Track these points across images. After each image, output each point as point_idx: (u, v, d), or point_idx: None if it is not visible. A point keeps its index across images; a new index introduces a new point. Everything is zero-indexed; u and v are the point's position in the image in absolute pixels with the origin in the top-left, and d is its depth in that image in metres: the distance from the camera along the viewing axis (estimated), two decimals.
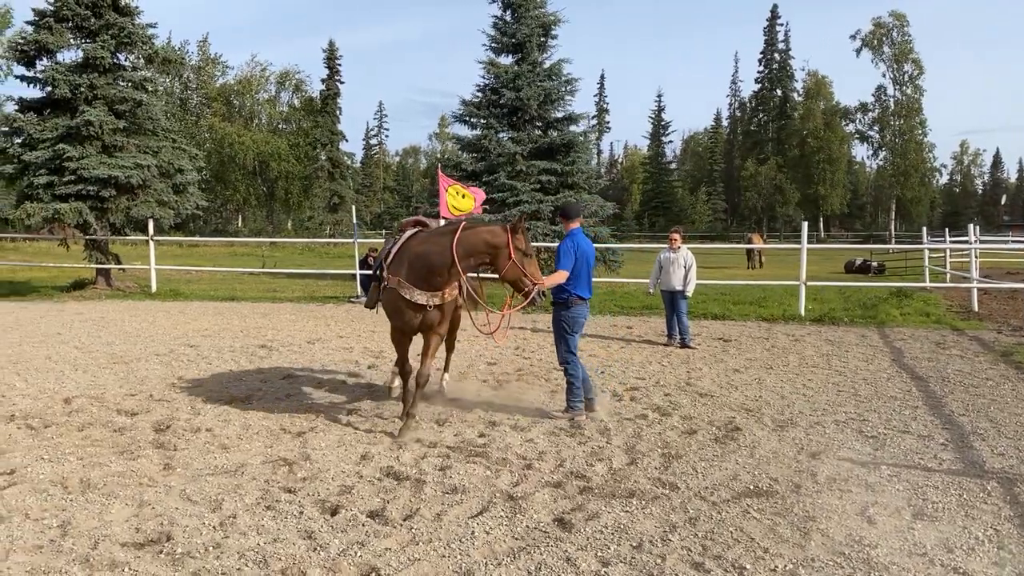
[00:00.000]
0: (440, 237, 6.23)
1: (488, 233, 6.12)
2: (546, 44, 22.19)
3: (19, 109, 17.27)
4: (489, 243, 6.08)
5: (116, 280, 18.15)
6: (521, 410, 7.08)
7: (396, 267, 6.32)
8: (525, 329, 12.33)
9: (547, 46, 22.26)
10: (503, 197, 19.64)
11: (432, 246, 6.18)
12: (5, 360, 9.51)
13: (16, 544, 4.07)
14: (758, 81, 79.73)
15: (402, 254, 6.37)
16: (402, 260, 6.31)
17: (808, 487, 5.00)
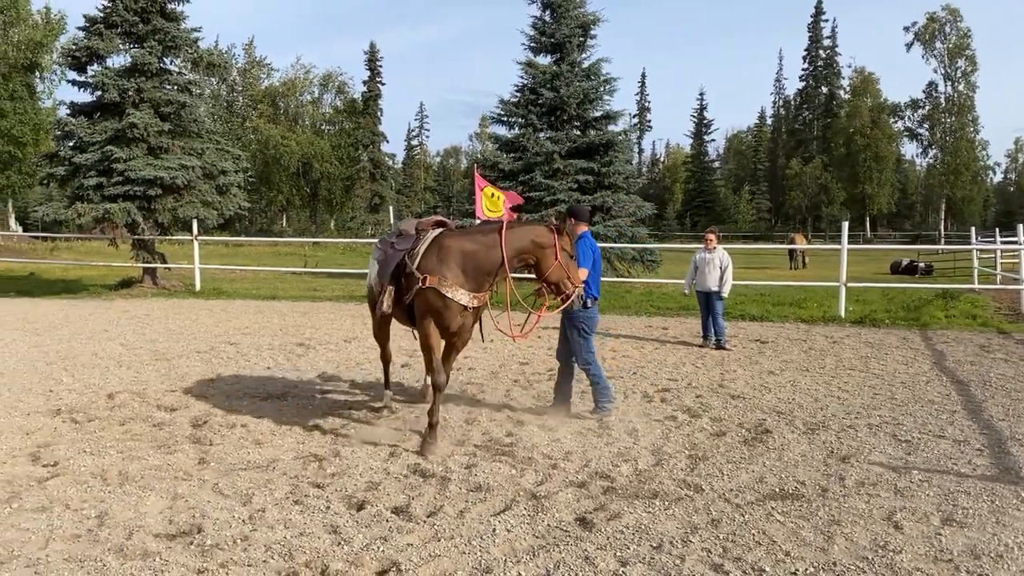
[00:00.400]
0: (486, 236, 6.04)
1: (535, 233, 5.98)
2: (585, 44, 22.17)
3: (70, 113, 17.86)
4: (537, 243, 5.94)
5: (162, 279, 18.63)
6: (550, 410, 7.10)
7: (435, 266, 5.98)
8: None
9: (586, 46, 22.23)
10: (539, 196, 19.67)
11: (480, 245, 5.99)
12: (55, 356, 9.84)
13: (56, 533, 4.24)
14: (802, 78, 78.40)
15: (441, 253, 6.04)
16: (444, 259, 5.99)
17: (835, 491, 4.95)
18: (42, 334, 11.68)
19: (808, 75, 77.57)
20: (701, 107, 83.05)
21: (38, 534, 4.21)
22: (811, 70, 77.18)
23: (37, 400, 7.45)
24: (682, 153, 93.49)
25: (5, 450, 5.80)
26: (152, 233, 17.76)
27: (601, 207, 20.18)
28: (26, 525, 4.33)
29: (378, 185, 48.52)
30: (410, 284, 6.08)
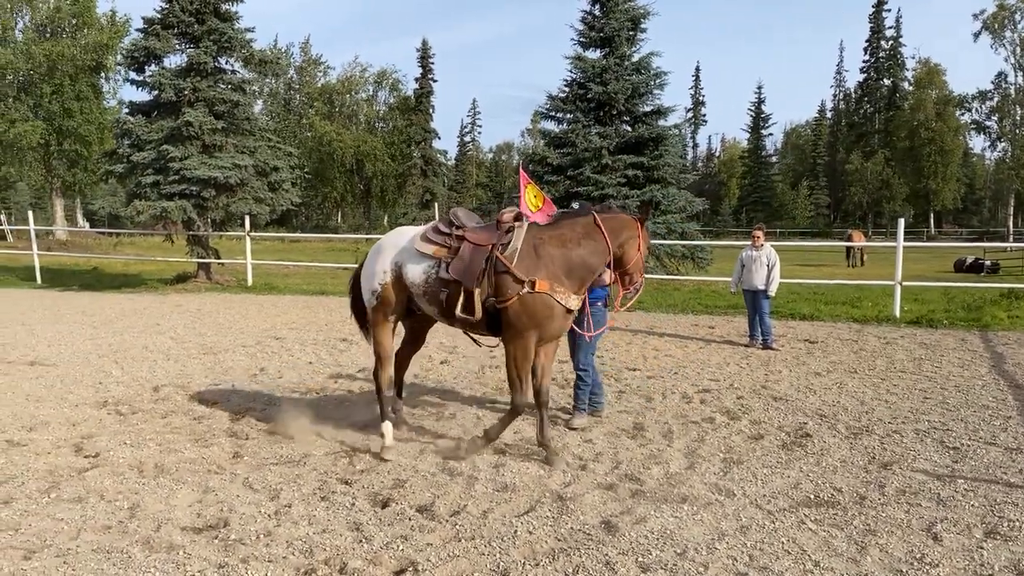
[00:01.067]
0: (585, 228, 5.47)
1: (625, 223, 5.55)
2: (635, 38, 21.91)
3: (129, 112, 18.42)
4: (628, 234, 5.54)
5: (216, 274, 19.07)
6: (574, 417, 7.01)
7: (542, 268, 5.30)
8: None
9: (636, 40, 21.97)
10: (588, 191, 19.53)
11: (582, 238, 5.44)
12: (107, 349, 10.14)
13: (88, 523, 4.34)
14: (864, 70, 76.25)
15: (540, 250, 5.37)
16: (550, 260, 5.34)
17: (873, 499, 4.76)
18: (98, 327, 12.05)
19: (870, 67, 75.43)
20: (759, 100, 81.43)
21: (71, 524, 4.32)
22: (873, 62, 75.03)
23: (86, 392, 7.68)
24: (738, 148, 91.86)
25: (51, 440, 5.98)
26: (206, 229, 18.19)
27: (650, 202, 19.92)
28: (61, 515, 4.45)
29: (429, 181, 48.89)
30: (503, 286, 5.29)
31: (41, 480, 5.05)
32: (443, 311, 5.60)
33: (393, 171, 56.52)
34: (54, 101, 33.72)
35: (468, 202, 69.32)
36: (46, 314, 13.62)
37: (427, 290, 5.65)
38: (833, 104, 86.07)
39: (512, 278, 5.28)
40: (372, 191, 58.58)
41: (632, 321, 13.13)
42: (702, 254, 20.42)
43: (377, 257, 5.96)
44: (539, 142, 24.19)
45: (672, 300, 15.80)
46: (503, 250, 5.39)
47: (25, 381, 8.13)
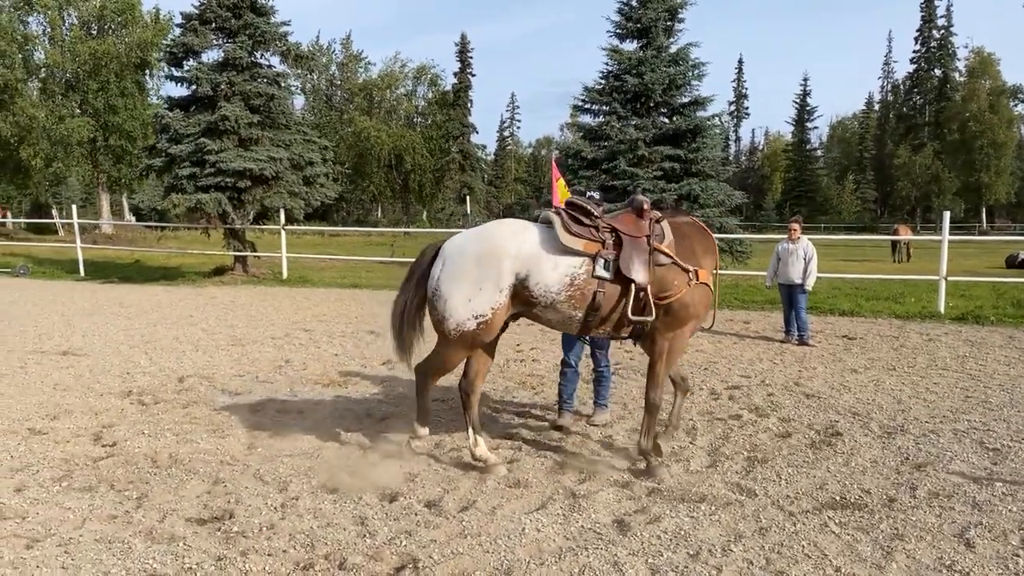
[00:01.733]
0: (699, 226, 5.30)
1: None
2: (673, 28, 21.56)
3: (168, 107, 18.67)
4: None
5: (252, 267, 19.26)
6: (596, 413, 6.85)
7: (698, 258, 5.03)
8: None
9: (674, 30, 21.61)
10: (623, 184, 19.26)
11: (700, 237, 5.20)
12: (138, 339, 10.24)
13: (94, 513, 4.32)
14: (914, 61, 74.17)
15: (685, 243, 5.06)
16: (692, 249, 5.05)
17: (904, 501, 4.52)
18: (132, 318, 12.21)
19: (920, 57, 73.36)
20: (804, 93, 79.75)
21: (77, 513, 4.30)
22: (923, 52, 72.95)
23: (113, 381, 7.74)
24: (782, 141, 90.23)
25: (72, 429, 6.02)
26: (242, 223, 18.37)
27: (687, 196, 19.59)
28: (69, 504, 4.44)
29: (468, 176, 48.90)
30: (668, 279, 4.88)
31: (56, 468, 5.06)
32: (593, 317, 4.87)
33: (431, 166, 56.66)
34: (100, 98, 34.48)
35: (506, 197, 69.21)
36: (85, 305, 13.86)
37: (572, 294, 4.79)
38: (881, 96, 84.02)
39: (679, 269, 4.88)
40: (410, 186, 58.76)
41: None
42: (741, 248, 20.03)
43: (479, 270, 4.74)
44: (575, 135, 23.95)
45: None
46: (660, 240, 4.92)
47: (56, 370, 8.24)
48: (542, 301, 4.78)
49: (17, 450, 5.44)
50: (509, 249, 4.76)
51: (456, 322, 4.77)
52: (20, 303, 14.13)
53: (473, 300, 4.71)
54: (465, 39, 51.04)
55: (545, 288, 4.74)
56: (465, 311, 4.73)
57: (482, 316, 4.73)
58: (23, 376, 7.94)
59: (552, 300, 4.76)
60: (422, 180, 57.48)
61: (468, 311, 4.73)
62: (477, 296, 4.71)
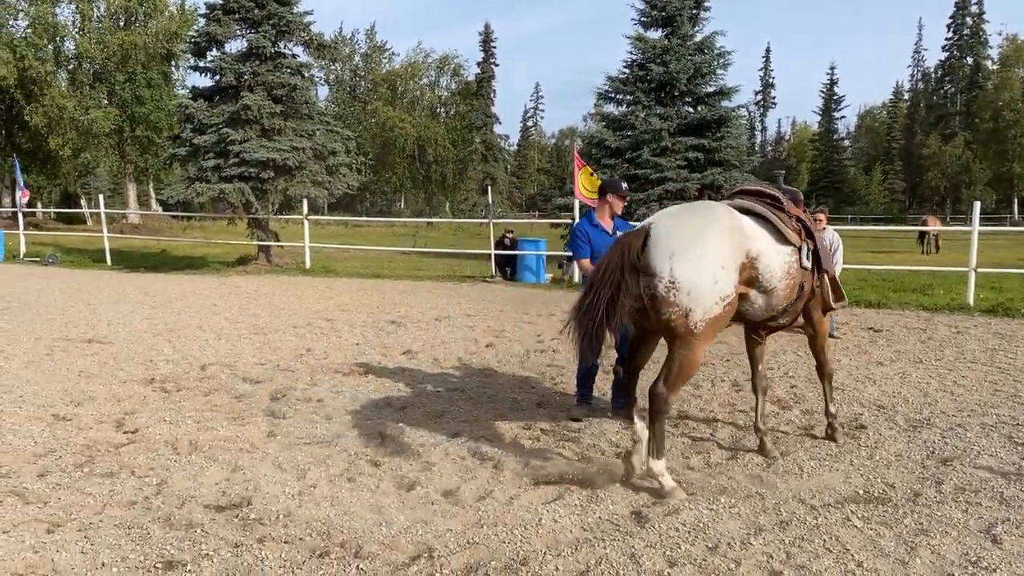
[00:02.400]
0: None
1: None
2: (698, 17, 21.38)
3: (191, 97, 18.81)
4: None
5: (275, 256, 19.39)
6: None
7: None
8: None
9: (699, 19, 21.45)
10: (646, 174, 19.13)
11: None
12: (162, 327, 10.34)
13: (114, 499, 4.35)
14: (945, 49, 72.82)
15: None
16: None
17: (929, 496, 4.43)
18: (157, 307, 12.33)
19: (952, 45, 72.01)
20: (831, 82, 78.76)
21: (98, 499, 4.34)
22: (955, 39, 71.58)
23: (136, 369, 7.81)
24: (809, 131, 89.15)
25: (95, 416, 6.08)
26: (266, 212, 18.49)
27: (711, 185, 19.41)
28: (90, 489, 4.48)
29: (490, 167, 48.86)
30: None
31: (78, 454, 5.11)
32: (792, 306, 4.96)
33: (453, 156, 56.67)
34: (127, 89, 34.82)
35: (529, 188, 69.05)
36: (111, 294, 14.03)
37: (784, 285, 4.73)
38: (911, 85, 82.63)
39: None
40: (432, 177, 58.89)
41: None
42: None
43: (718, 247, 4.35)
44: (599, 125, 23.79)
45: None
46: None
47: (81, 358, 8.33)
48: (765, 286, 4.62)
49: (41, 436, 5.51)
50: (738, 226, 4.52)
51: (704, 310, 4.24)
52: (48, 291, 14.33)
53: (719, 281, 4.27)
54: (489, 29, 51.01)
55: (770, 272, 4.60)
56: (711, 295, 4.25)
57: (727, 297, 4.32)
58: (49, 363, 8.04)
59: (773, 286, 4.65)
60: (444, 171, 57.58)
61: (714, 294, 4.26)
62: (722, 276, 4.29)
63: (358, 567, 3.58)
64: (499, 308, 12.37)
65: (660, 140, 19.69)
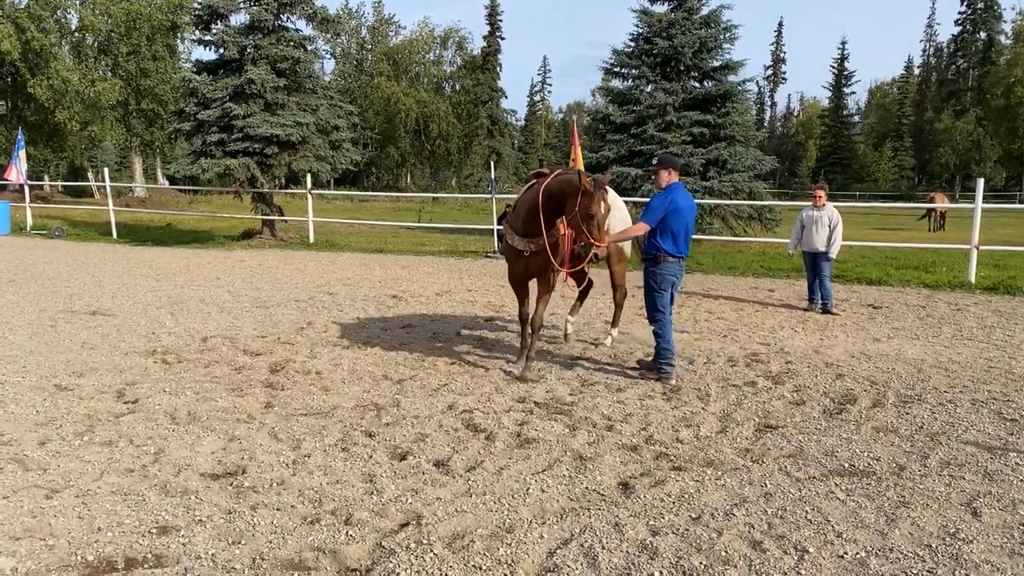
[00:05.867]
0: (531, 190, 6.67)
1: (565, 182, 6.22)
2: None
3: (195, 71, 18.76)
4: (565, 192, 6.18)
5: (280, 231, 19.44)
6: (623, 371, 6.87)
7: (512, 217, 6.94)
8: None
9: None
10: (651, 150, 19.04)
11: (531, 195, 6.56)
12: (165, 300, 10.43)
13: (112, 467, 4.45)
14: (958, 23, 71.89)
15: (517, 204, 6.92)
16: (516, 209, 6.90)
17: (913, 470, 4.49)
18: (161, 280, 12.43)
19: (965, 19, 71.09)
20: (842, 57, 77.86)
21: (96, 467, 4.43)
22: (968, 13, 70.64)
23: (139, 341, 7.91)
24: (818, 107, 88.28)
25: (96, 386, 6.18)
26: (270, 187, 18.51)
27: (716, 161, 19.33)
28: (89, 457, 4.57)
29: (496, 142, 48.63)
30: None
31: (78, 423, 5.21)
32: None
33: (458, 132, 56.36)
34: (131, 61, 34.71)
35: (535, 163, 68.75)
36: (116, 267, 14.12)
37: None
38: (922, 60, 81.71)
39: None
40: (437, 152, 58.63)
41: (688, 283, 12.79)
42: (770, 215, 19.75)
43: None
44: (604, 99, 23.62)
45: (733, 262, 15.32)
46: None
47: (84, 329, 8.43)
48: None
49: (43, 405, 5.61)
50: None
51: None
52: (54, 264, 14.44)
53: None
54: (495, 2, 50.34)
55: None
56: None
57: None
58: (53, 334, 8.14)
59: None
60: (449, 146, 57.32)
61: None
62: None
63: (347, 533, 3.67)
64: (500, 283, 12.40)
65: (665, 115, 19.58)
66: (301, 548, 3.52)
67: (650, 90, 20.32)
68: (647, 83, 20.54)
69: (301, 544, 3.56)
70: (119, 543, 3.54)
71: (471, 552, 3.48)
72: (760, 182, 21.01)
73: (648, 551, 3.51)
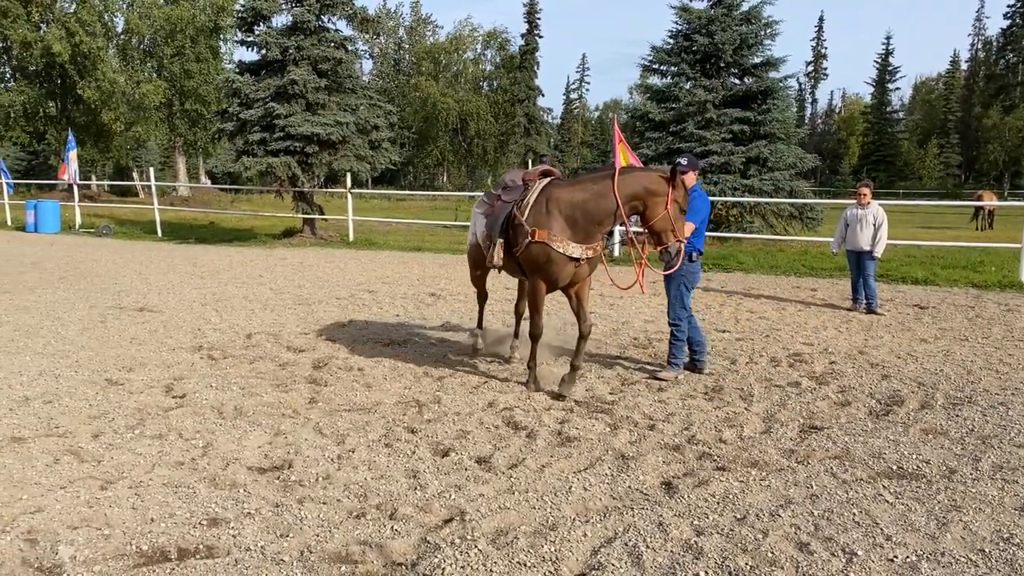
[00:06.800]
0: (597, 184, 5.82)
1: (648, 180, 5.69)
2: None
3: (238, 72, 19.07)
4: (649, 191, 5.63)
5: (320, 229, 19.67)
6: (663, 370, 6.83)
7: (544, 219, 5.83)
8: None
9: None
10: (690, 147, 18.89)
11: (590, 194, 5.79)
12: (210, 298, 10.63)
13: (163, 459, 4.56)
14: (1008, 16, 70.01)
15: (549, 204, 5.87)
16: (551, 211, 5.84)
17: (965, 473, 4.40)
18: (205, 278, 12.67)
19: (1015, 12, 69.22)
20: (886, 52, 76.26)
21: (148, 459, 4.54)
22: (1018, 6, 68.77)
23: (185, 337, 8.07)
24: (860, 103, 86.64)
25: (145, 381, 6.32)
26: (311, 186, 18.74)
27: (756, 159, 19.12)
28: (141, 450, 4.69)
29: (533, 140, 48.61)
30: (519, 237, 5.92)
31: (129, 417, 5.34)
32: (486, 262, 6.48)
33: (495, 130, 56.43)
34: (175, 62, 35.44)
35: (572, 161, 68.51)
36: (161, 265, 14.43)
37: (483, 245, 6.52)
38: (970, 54, 79.78)
39: (522, 229, 5.91)
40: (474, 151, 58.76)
41: (728, 283, 12.68)
42: (812, 214, 19.48)
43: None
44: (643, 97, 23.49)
45: (775, 261, 15.12)
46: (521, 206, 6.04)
47: (132, 325, 8.63)
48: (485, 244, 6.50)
49: (95, 399, 5.76)
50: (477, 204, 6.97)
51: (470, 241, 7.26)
52: (102, 261, 14.79)
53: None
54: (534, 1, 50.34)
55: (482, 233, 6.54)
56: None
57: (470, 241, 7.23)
58: (103, 330, 8.35)
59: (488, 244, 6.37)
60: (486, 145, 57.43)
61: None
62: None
63: (392, 528, 3.71)
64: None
65: (704, 112, 19.41)
66: (348, 542, 3.57)
67: (689, 87, 20.17)
68: (686, 80, 20.39)
69: (348, 538, 3.61)
70: (171, 534, 3.62)
71: (515, 549, 3.49)
72: (801, 180, 20.74)
73: (693, 551, 3.49)
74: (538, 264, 5.86)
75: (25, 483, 4.17)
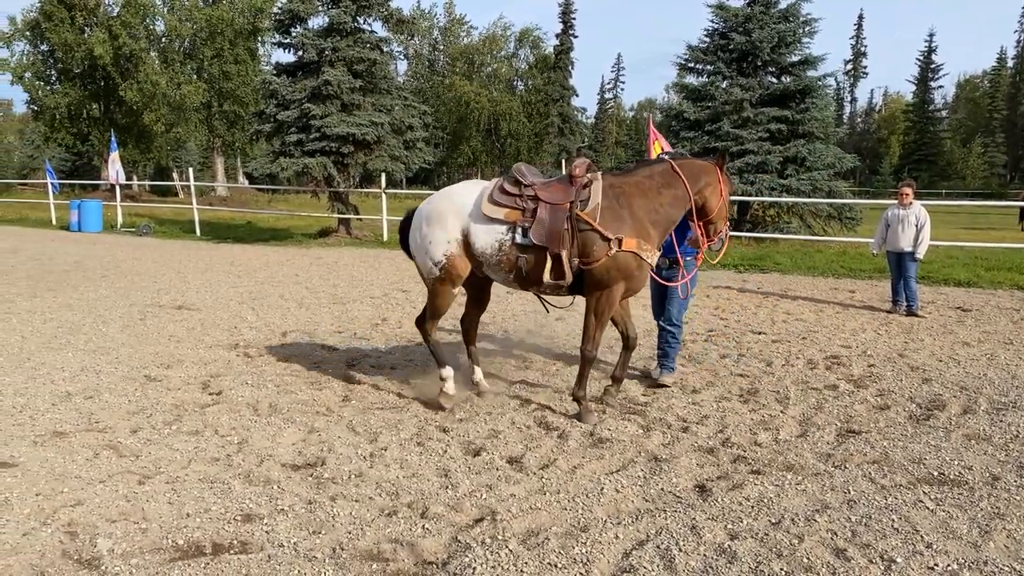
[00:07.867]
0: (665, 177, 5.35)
1: (705, 169, 5.41)
2: None
3: (275, 73, 19.32)
4: (707, 181, 5.37)
5: (355, 229, 19.84)
6: (697, 372, 6.76)
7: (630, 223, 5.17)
8: (731, 288, 11.74)
9: None
10: (726, 147, 18.68)
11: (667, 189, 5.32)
12: (247, 296, 10.77)
13: (199, 455, 4.62)
14: None
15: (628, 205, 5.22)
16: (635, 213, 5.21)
17: (1009, 480, 4.28)
18: (241, 276, 12.84)
19: None
20: (929, 49, 74.69)
21: (184, 455, 4.61)
22: None
23: (221, 335, 8.19)
24: (901, 102, 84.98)
25: (183, 377, 6.42)
26: (346, 186, 18.91)
27: (794, 158, 18.85)
28: (178, 446, 4.76)
29: (566, 140, 48.49)
30: (592, 246, 5.08)
31: (167, 413, 5.43)
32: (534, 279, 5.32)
33: (528, 130, 56.38)
34: (215, 64, 36.06)
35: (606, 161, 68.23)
36: (199, 264, 14.66)
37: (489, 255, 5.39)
38: (1016, 51, 77.74)
39: (598, 236, 5.08)
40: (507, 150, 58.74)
41: (765, 283, 12.52)
42: (850, 214, 19.14)
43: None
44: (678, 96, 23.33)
45: (812, 262, 14.89)
46: (583, 207, 5.16)
47: (171, 323, 8.78)
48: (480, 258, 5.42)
49: (134, 395, 5.86)
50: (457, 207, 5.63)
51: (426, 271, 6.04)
52: (142, 260, 15.08)
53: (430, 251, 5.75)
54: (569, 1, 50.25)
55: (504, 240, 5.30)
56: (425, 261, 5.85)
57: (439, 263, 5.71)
58: (142, 327, 8.50)
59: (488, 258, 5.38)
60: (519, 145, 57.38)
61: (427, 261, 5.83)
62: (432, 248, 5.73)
63: (424, 527, 3.71)
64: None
65: (741, 111, 19.18)
66: (379, 539, 3.59)
67: (725, 86, 19.95)
68: (723, 79, 20.17)
69: (379, 535, 3.63)
70: (207, 528, 3.67)
71: (546, 549, 3.48)
72: (840, 180, 20.40)
73: (726, 555, 3.44)
74: (621, 276, 5.17)
75: (66, 477, 4.26)
